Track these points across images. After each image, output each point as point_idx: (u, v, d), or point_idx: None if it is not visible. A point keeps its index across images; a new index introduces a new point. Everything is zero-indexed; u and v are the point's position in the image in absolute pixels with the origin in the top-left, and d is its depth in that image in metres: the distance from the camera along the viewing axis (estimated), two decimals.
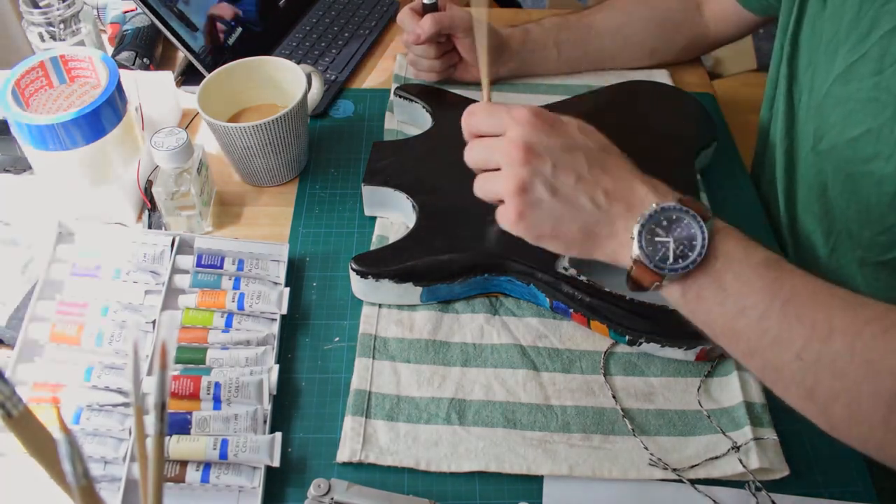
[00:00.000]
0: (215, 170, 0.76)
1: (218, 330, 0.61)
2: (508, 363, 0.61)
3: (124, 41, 0.88)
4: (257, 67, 0.76)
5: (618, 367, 0.61)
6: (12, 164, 0.73)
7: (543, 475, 0.55)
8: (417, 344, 0.62)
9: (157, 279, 0.64)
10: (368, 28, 0.96)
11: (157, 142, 0.65)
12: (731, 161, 0.81)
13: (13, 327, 0.61)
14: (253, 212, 0.74)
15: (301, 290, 0.67)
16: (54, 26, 0.77)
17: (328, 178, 0.77)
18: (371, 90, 0.88)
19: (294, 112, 0.70)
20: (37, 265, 0.66)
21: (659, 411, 0.59)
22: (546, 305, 0.63)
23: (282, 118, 0.69)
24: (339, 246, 0.71)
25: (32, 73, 0.68)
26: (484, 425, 0.57)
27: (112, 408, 0.56)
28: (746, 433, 0.56)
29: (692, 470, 0.55)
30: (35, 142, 0.64)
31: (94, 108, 0.63)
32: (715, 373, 0.61)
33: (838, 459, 0.57)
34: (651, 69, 0.90)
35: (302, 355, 0.62)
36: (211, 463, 0.53)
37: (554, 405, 0.59)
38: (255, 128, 0.69)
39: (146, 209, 0.72)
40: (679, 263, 0.45)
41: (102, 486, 0.53)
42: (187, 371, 0.58)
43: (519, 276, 0.63)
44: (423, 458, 0.55)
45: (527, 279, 0.62)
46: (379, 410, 0.58)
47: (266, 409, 0.57)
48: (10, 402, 0.30)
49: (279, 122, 0.69)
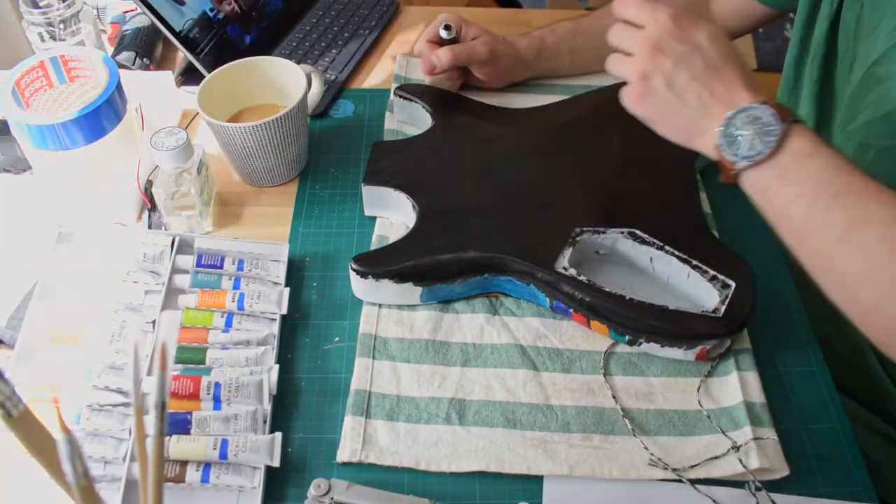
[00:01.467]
0: (215, 170, 0.76)
1: (218, 330, 0.61)
2: (508, 363, 0.61)
3: (124, 41, 0.88)
4: (257, 67, 0.76)
5: (618, 367, 0.61)
6: (12, 164, 0.73)
7: (543, 475, 0.55)
8: (417, 344, 0.62)
9: (157, 279, 0.64)
10: (368, 28, 0.96)
11: (157, 142, 0.65)
12: None
13: (13, 327, 0.61)
14: (253, 212, 0.74)
15: (301, 290, 0.67)
16: (54, 26, 0.77)
17: (328, 178, 0.77)
18: (371, 90, 0.88)
19: (294, 112, 0.70)
20: (37, 265, 0.66)
21: (659, 411, 0.59)
22: (546, 305, 0.63)
23: (282, 118, 0.69)
24: (339, 246, 0.71)
25: (32, 73, 0.68)
26: (484, 425, 0.57)
27: (112, 408, 0.56)
28: (746, 433, 0.56)
29: (692, 470, 0.55)
30: (35, 142, 0.64)
31: (94, 108, 0.63)
32: (715, 373, 0.61)
33: (838, 459, 0.57)
34: None
35: (302, 355, 0.62)
36: (211, 463, 0.53)
37: (554, 405, 0.59)
38: (255, 128, 0.69)
39: (146, 209, 0.72)
40: (750, 153, 0.51)
41: (102, 486, 0.53)
42: (187, 371, 0.58)
43: (519, 276, 0.63)
44: (423, 458, 0.55)
45: (527, 279, 0.62)
46: (379, 410, 0.58)
47: (266, 409, 0.57)
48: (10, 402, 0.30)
49: (279, 122, 0.69)
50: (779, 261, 0.70)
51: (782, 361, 0.63)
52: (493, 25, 0.99)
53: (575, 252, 0.62)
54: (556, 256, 0.61)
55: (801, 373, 0.62)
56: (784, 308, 0.67)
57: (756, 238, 0.71)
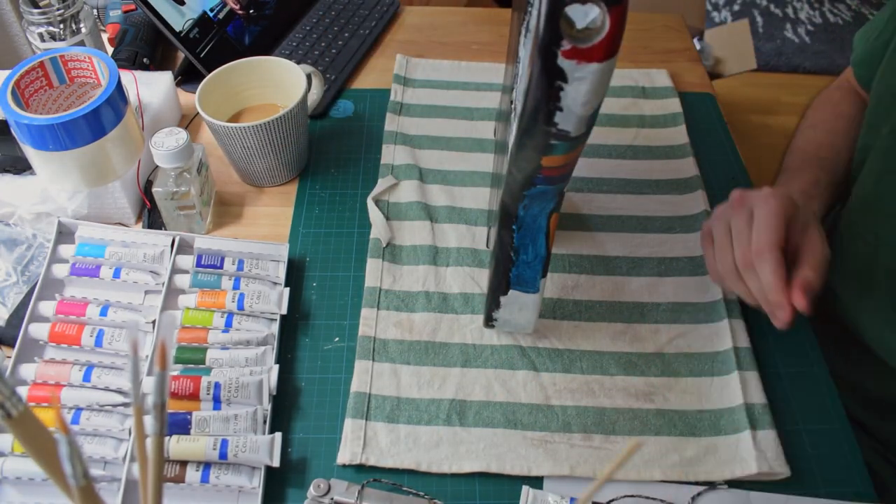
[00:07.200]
0: (215, 170, 0.76)
1: (218, 330, 0.61)
2: (508, 364, 0.61)
3: (124, 41, 0.87)
4: (257, 67, 0.76)
5: (618, 367, 0.61)
6: (12, 164, 0.73)
7: (544, 475, 0.55)
8: (417, 346, 0.62)
9: (156, 279, 0.64)
10: (368, 28, 0.96)
11: (157, 142, 0.65)
12: (731, 161, 0.81)
13: (13, 327, 0.61)
14: (253, 212, 0.74)
15: (301, 290, 0.67)
16: (54, 26, 0.77)
17: (328, 178, 0.77)
18: (371, 90, 0.88)
19: (294, 112, 0.70)
20: (37, 265, 0.66)
21: (659, 411, 0.59)
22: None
23: (282, 118, 0.69)
24: (339, 246, 0.71)
25: (32, 73, 0.68)
26: (484, 426, 0.57)
27: (112, 408, 0.56)
28: (746, 434, 0.56)
29: (692, 470, 0.55)
30: (35, 142, 0.64)
31: (94, 108, 0.63)
32: (716, 373, 0.61)
33: (838, 459, 0.57)
34: (651, 69, 0.90)
35: (302, 355, 0.62)
36: (211, 463, 0.53)
37: (554, 405, 0.59)
38: (255, 128, 0.69)
39: (146, 209, 0.72)
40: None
41: (102, 486, 0.53)
42: (187, 371, 0.58)
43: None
44: (423, 459, 0.55)
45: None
46: (379, 413, 0.58)
47: (266, 410, 0.57)
48: (10, 402, 0.30)
49: (279, 122, 0.69)
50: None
51: (782, 361, 0.63)
52: (493, 25, 0.99)
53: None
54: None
55: (801, 373, 0.62)
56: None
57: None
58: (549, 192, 0.48)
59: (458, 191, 0.75)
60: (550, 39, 0.37)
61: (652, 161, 0.79)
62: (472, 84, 0.88)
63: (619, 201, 0.75)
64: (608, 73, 0.39)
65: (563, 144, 0.43)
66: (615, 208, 0.74)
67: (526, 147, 0.45)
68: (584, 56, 0.37)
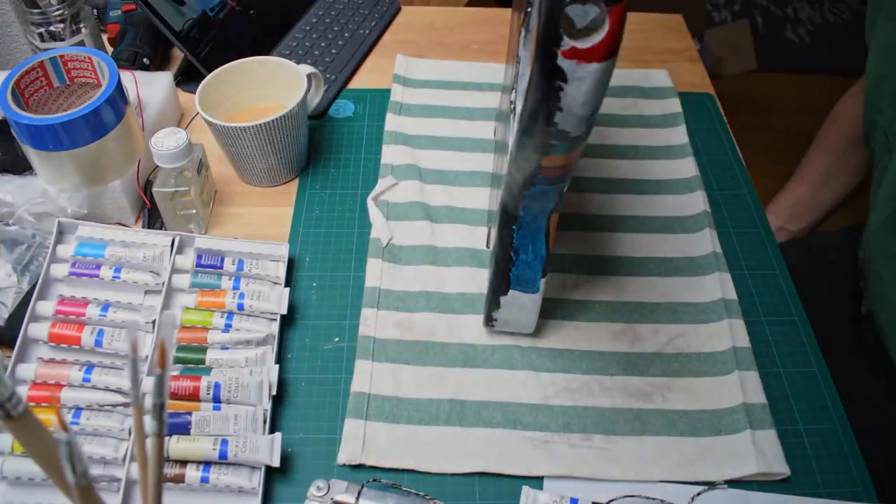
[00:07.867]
0: (215, 170, 0.76)
1: (218, 330, 0.61)
2: (508, 364, 0.61)
3: (124, 41, 0.87)
4: (257, 67, 0.76)
5: (618, 367, 0.61)
6: (12, 164, 0.73)
7: (544, 475, 0.55)
8: (417, 346, 0.62)
9: (156, 279, 0.64)
10: (368, 28, 0.96)
11: (157, 142, 0.65)
12: (730, 161, 0.81)
13: (13, 327, 0.61)
14: (253, 212, 0.74)
15: (301, 290, 0.67)
16: (54, 26, 0.77)
17: (328, 178, 0.77)
18: (371, 90, 0.88)
19: (294, 112, 0.70)
20: (36, 265, 0.66)
21: (659, 411, 0.59)
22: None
23: (282, 118, 0.69)
24: (339, 246, 0.71)
25: (32, 73, 0.68)
26: (484, 426, 0.57)
27: (112, 408, 0.56)
28: (746, 434, 0.56)
29: (692, 470, 0.55)
30: (35, 142, 0.64)
31: (94, 108, 0.63)
32: (715, 373, 0.61)
33: (838, 459, 0.57)
34: (650, 69, 0.90)
35: (302, 355, 0.62)
36: (211, 463, 0.53)
37: (554, 405, 0.59)
38: (255, 128, 0.69)
39: (146, 209, 0.72)
40: None
41: (102, 486, 0.53)
42: (187, 371, 0.58)
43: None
44: (423, 459, 0.55)
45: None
46: (379, 413, 0.58)
47: (266, 409, 0.57)
48: (9, 402, 0.30)
49: (279, 122, 0.69)
50: (779, 261, 0.70)
51: (782, 361, 0.63)
52: (493, 25, 0.99)
53: None
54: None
55: (801, 373, 0.62)
56: (784, 308, 0.67)
57: (756, 239, 0.71)
58: (549, 193, 0.48)
59: (458, 191, 0.75)
60: (550, 39, 0.37)
61: (652, 161, 0.79)
62: (472, 84, 0.88)
63: (619, 201, 0.75)
64: (608, 73, 0.39)
65: (563, 144, 0.43)
66: (615, 208, 0.74)
67: (526, 147, 0.45)
68: (584, 56, 0.37)
